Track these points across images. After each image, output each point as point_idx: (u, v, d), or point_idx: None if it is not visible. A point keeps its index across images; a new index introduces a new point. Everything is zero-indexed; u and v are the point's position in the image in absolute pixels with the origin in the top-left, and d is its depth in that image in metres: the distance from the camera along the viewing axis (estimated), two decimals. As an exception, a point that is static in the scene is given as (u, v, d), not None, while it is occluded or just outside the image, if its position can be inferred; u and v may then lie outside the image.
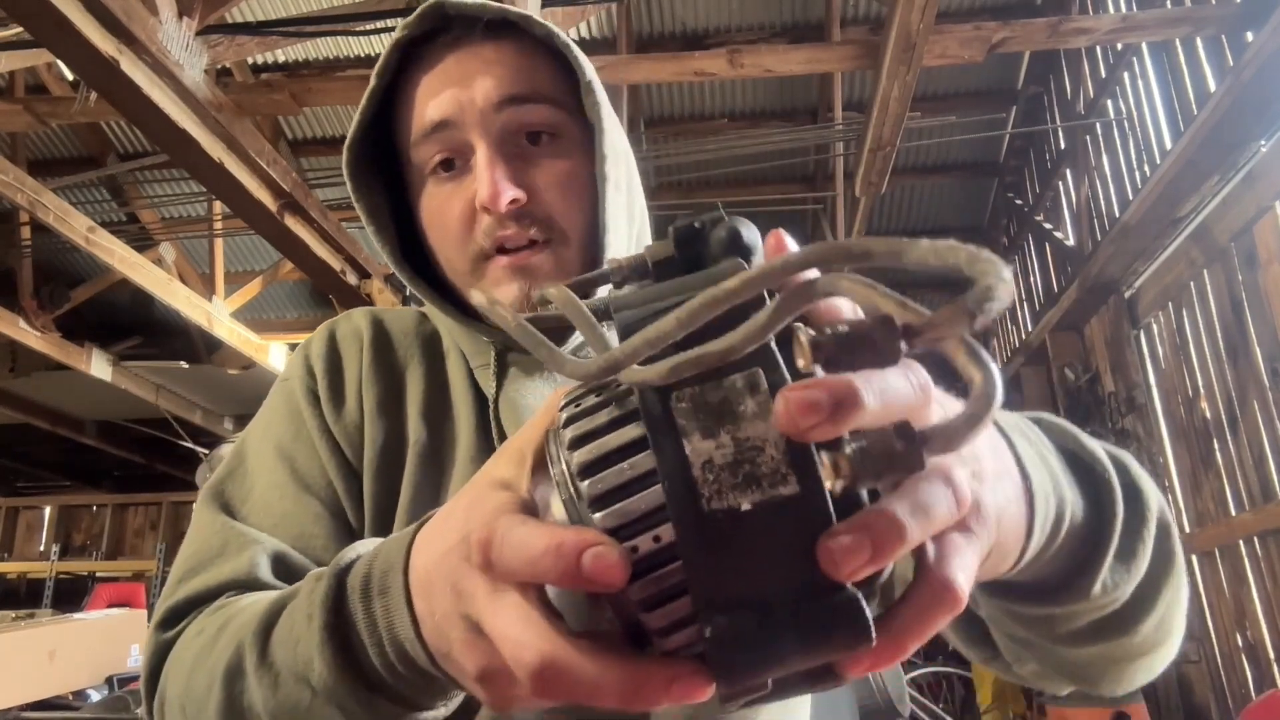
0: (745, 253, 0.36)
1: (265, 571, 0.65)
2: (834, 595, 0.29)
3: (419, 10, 0.72)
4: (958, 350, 0.28)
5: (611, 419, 0.32)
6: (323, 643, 0.46)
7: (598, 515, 0.31)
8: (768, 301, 0.31)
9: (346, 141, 0.75)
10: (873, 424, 0.28)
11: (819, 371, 0.29)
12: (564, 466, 0.33)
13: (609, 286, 0.40)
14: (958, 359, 0.28)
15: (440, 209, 0.72)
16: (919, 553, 0.32)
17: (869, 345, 0.28)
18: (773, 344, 0.31)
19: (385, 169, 0.79)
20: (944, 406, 0.34)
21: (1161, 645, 0.55)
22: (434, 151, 0.72)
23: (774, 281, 0.30)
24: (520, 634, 0.32)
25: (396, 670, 0.44)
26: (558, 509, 0.34)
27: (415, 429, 0.74)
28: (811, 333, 0.29)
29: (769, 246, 0.36)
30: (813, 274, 0.31)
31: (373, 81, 0.74)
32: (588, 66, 0.73)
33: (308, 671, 0.47)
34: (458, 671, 0.40)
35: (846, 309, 0.34)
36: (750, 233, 0.36)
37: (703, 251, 0.36)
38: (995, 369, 0.28)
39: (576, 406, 0.34)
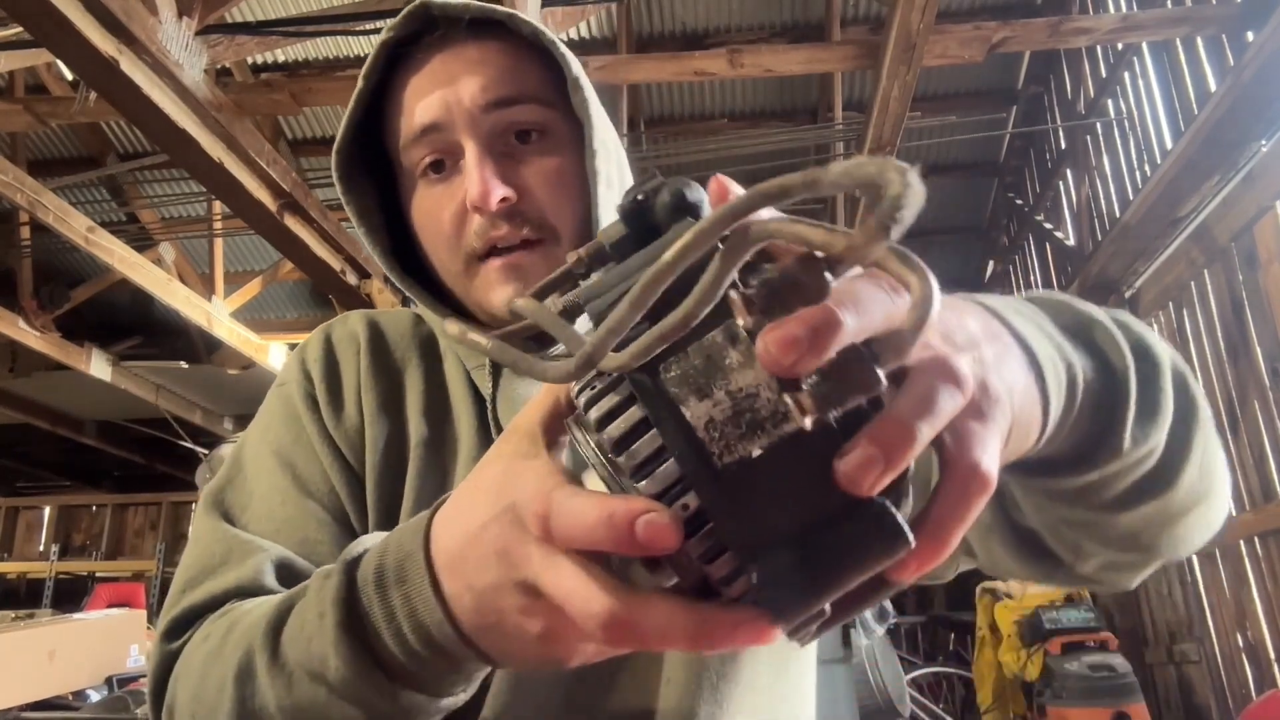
0: (694, 211, 0.36)
1: (270, 579, 0.65)
2: (862, 511, 0.29)
3: (404, 11, 0.72)
4: (889, 261, 0.29)
5: (630, 394, 0.33)
6: (338, 639, 0.46)
7: (641, 484, 0.32)
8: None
9: (335, 144, 0.75)
10: (856, 339, 0.29)
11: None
12: (593, 447, 0.34)
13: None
14: (890, 269, 0.29)
15: (431, 210, 0.72)
16: (940, 447, 0.32)
17: (797, 285, 0.29)
18: (734, 294, 0.31)
19: (375, 170, 0.78)
20: None
21: (1208, 496, 0.53)
22: (424, 154, 0.72)
23: (709, 242, 0.30)
24: (585, 590, 0.33)
25: (420, 656, 0.44)
26: (595, 487, 0.35)
27: (416, 431, 0.74)
28: (740, 291, 0.30)
29: (712, 193, 0.36)
30: (764, 213, 0.31)
31: (360, 83, 0.74)
32: (573, 62, 0.73)
33: (323, 669, 0.47)
34: (505, 641, 0.40)
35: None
36: (694, 191, 0.37)
37: (653, 220, 0.37)
38: (927, 271, 0.29)
39: (592, 389, 0.34)
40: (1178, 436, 0.49)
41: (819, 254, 0.29)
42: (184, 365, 6.39)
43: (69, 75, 4.53)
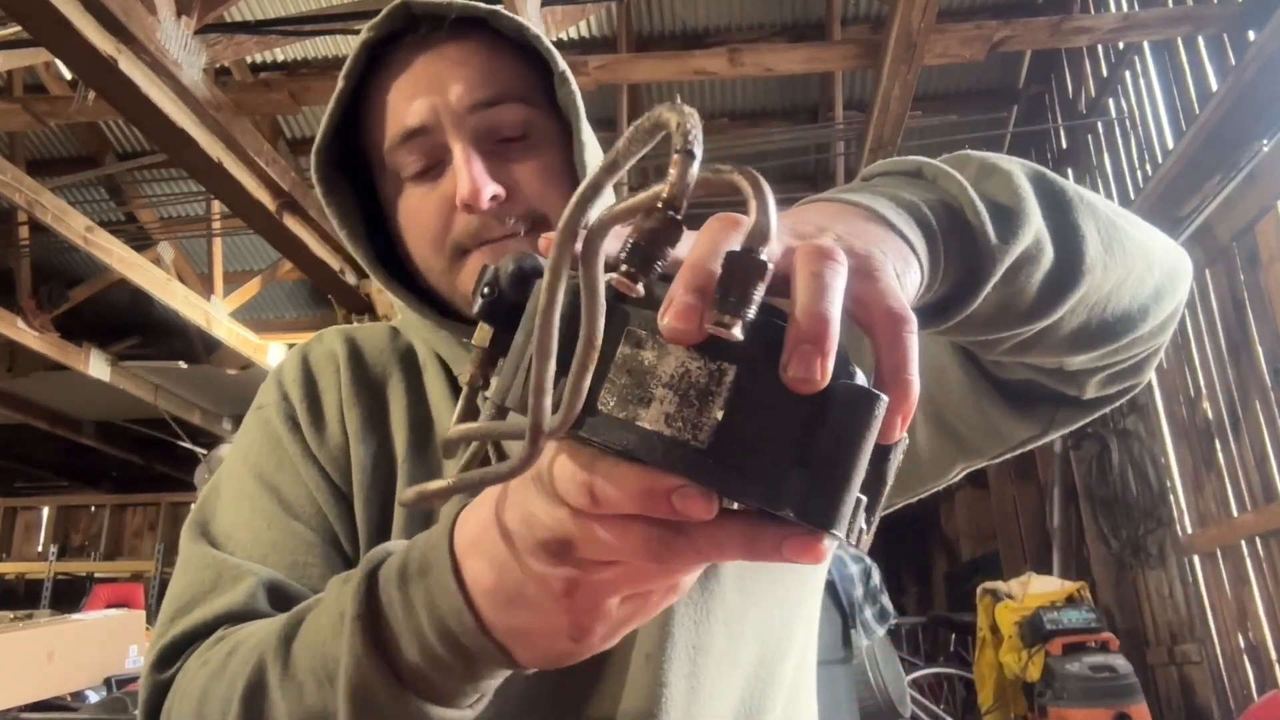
0: (538, 272, 0.38)
1: (263, 603, 0.64)
2: (831, 400, 0.32)
3: (385, 11, 0.72)
4: (713, 182, 0.33)
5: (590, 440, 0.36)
6: (352, 634, 0.45)
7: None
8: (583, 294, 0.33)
9: (315, 145, 0.74)
10: (727, 251, 0.32)
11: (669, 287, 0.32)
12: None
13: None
14: (719, 184, 0.33)
15: (416, 209, 0.72)
16: (857, 320, 0.35)
17: (655, 233, 0.32)
18: (614, 278, 0.33)
19: (352, 169, 0.78)
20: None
21: (1133, 264, 0.55)
22: (410, 156, 0.71)
23: (563, 269, 0.33)
24: (637, 522, 0.34)
25: (435, 654, 0.43)
26: None
27: (402, 446, 0.73)
28: (617, 275, 0.32)
29: (543, 248, 0.38)
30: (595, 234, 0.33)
31: (340, 84, 0.73)
32: (559, 58, 0.73)
33: (335, 671, 0.46)
34: (527, 614, 0.40)
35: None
36: (529, 260, 0.39)
37: (510, 303, 0.39)
38: (747, 170, 0.33)
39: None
40: (1059, 223, 0.50)
41: (659, 204, 0.32)
42: (183, 365, 6.38)
43: (67, 74, 4.52)
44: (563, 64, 0.73)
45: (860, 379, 0.34)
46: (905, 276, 0.40)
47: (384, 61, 0.73)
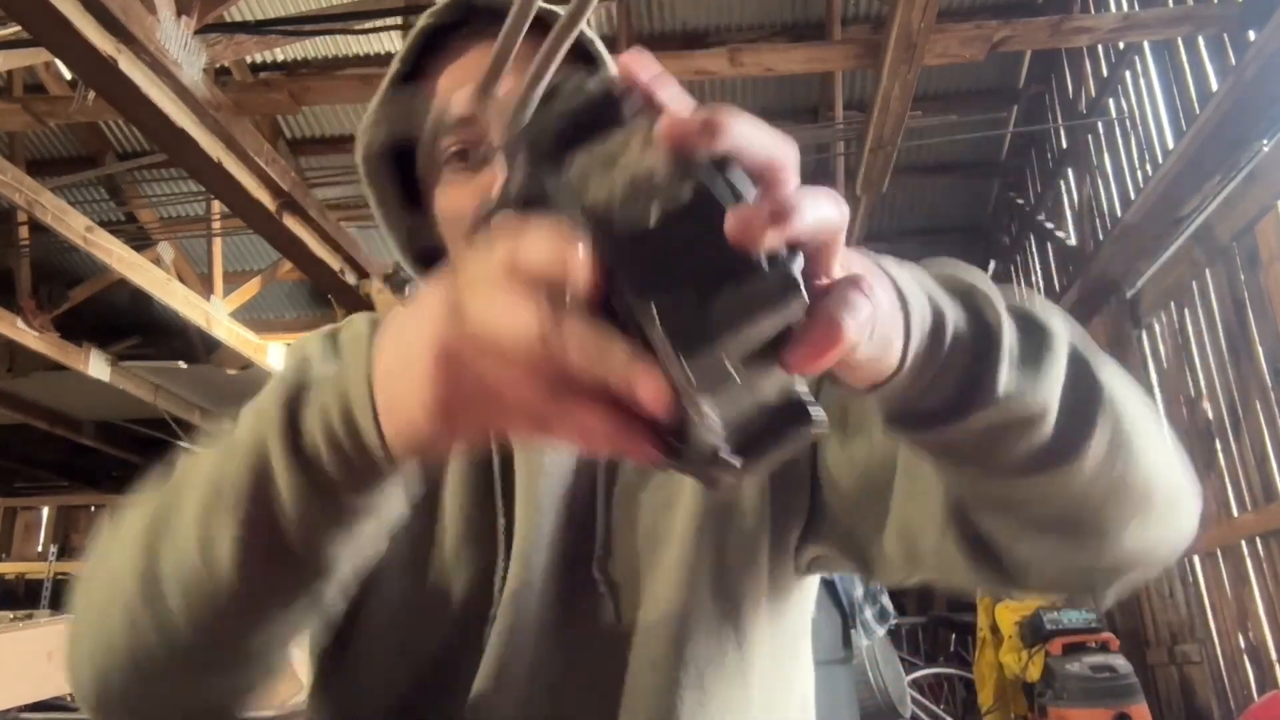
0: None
1: None
2: (765, 272, 0.32)
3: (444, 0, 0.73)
4: None
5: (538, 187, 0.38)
6: (270, 408, 0.46)
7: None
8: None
9: (362, 127, 0.76)
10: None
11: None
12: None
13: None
14: None
15: (456, 199, 0.73)
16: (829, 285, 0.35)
17: None
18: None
19: (395, 155, 0.78)
20: None
21: (1132, 486, 0.52)
22: (452, 143, 0.72)
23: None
24: (528, 305, 0.34)
25: (332, 428, 0.44)
26: None
27: None
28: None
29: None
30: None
31: (395, 66, 0.74)
32: (610, 61, 0.74)
33: (256, 445, 0.46)
34: (401, 381, 0.41)
35: None
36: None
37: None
38: None
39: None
40: (1076, 409, 0.49)
41: None
42: (183, 365, 6.37)
43: (67, 74, 4.51)
44: (614, 66, 0.73)
45: (803, 288, 0.34)
46: (878, 342, 0.40)
47: (437, 48, 0.74)
